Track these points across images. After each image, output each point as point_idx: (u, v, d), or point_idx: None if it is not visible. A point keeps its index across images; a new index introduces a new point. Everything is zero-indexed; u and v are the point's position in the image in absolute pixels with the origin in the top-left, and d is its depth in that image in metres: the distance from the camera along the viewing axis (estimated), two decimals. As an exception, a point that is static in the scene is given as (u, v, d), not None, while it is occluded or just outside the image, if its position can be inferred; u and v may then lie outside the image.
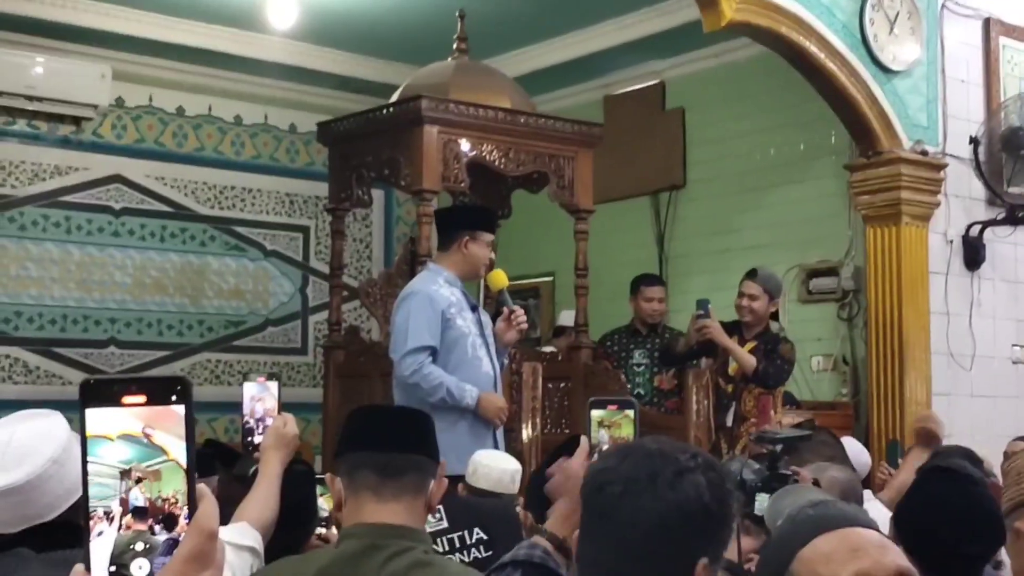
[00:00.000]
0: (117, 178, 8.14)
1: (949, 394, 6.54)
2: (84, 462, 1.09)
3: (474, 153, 5.95)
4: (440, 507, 3.20)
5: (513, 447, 5.62)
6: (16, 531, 2.00)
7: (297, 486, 2.74)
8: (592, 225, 6.38)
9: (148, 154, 8.28)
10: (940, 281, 6.61)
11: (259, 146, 8.78)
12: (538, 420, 5.91)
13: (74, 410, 2.18)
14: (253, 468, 2.76)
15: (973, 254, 6.75)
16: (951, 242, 6.70)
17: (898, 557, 1.61)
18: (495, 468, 3.84)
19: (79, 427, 1.10)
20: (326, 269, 7.56)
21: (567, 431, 5.89)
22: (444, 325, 4.80)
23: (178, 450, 1.10)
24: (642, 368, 6.49)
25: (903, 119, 6.53)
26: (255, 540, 2.28)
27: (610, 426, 2.18)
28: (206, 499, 1.11)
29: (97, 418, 1.09)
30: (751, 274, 5.99)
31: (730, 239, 7.84)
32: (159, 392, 1.10)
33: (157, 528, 1.10)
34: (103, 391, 1.10)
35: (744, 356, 5.76)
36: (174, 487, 1.10)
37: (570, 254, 6.35)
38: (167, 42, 7.86)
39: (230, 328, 8.57)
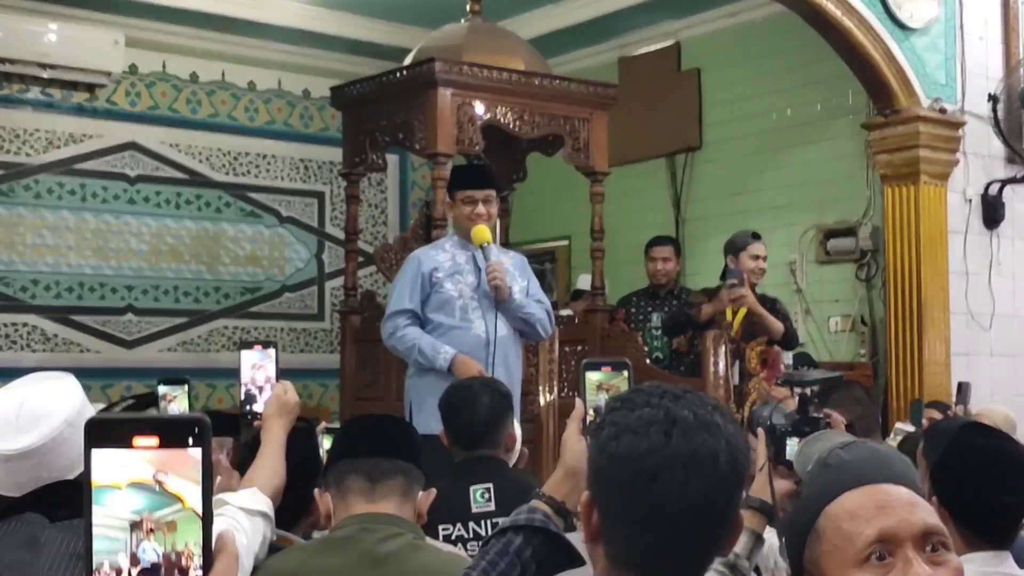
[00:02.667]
0: (132, 145, 8.14)
1: (968, 354, 6.51)
2: (88, 512, 1.00)
3: (488, 116, 5.91)
4: (489, 487, 3.21)
5: (530, 410, 5.63)
6: (21, 495, 2.00)
7: (300, 443, 2.75)
8: (608, 188, 6.35)
9: (162, 121, 8.27)
10: (959, 240, 6.58)
11: (273, 112, 8.75)
12: (555, 384, 5.92)
13: (90, 377, 2.20)
14: (253, 435, 2.77)
15: (992, 212, 6.71)
16: (970, 201, 6.66)
17: (927, 515, 1.60)
18: None
19: (84, 471, 1.01)
20: (341, 235, 7.55)
21: (580, 389, 5.87)
22: (431, 288, 4.81)
23: (194, 498, 1.01)
24: (660, 331, 6.47)
25: (921, 77, 6.48)
26: (267, 505, 2.28)
27: (608, 389, 2.14)
28: (224, 553, 1.04)
29: (104, 461, 1.00)
30: (756, 236, 5.99)
31: (747, 200, 7.81)
32: (174, 433, 1.01)
33: None
34: (112, 431, 1.00)
35: (775, 322, 5.77)
36: (190, 538, 1.01)
37: (586, 217, 6.32)
38: (180, 8, 7.82)
39: (246, 295, 8.58)
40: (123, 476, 1.00)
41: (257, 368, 2.84)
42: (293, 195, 8.80)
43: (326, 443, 3.13)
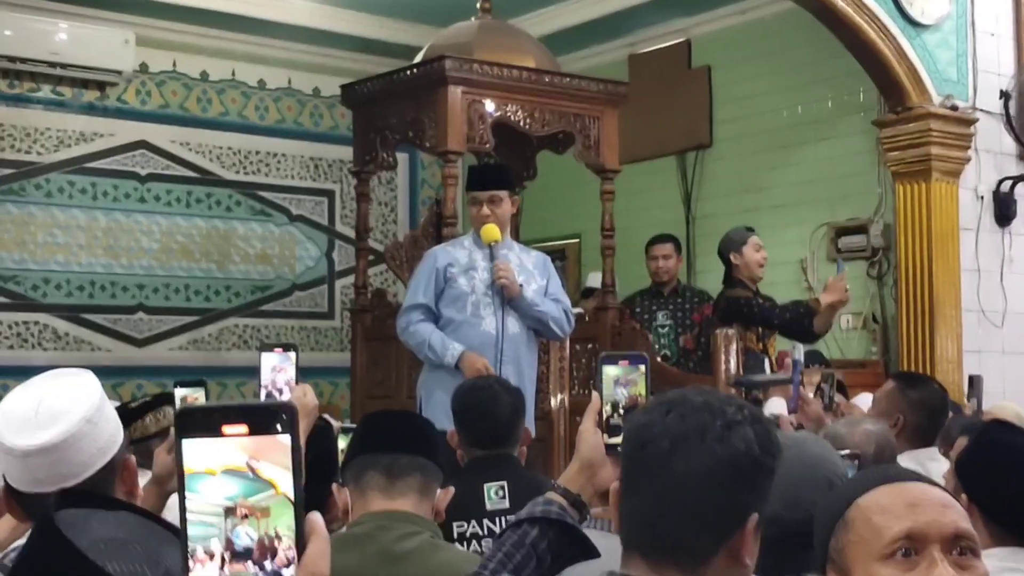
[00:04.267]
0: (142, 144, 8.14)
1: (980, 351, 6.50)
2: (182, 498, 1.02)
3: (499, 113, 5.91)
4: (503, 484, 3.21)
5: (541, 408, 5.62)
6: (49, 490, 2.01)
7: (317, 440, 2.76)
8: (618, 185, 6.34)
9: (172, 119, 8.28)
10: (971, 237, 6.56)
11: (283, 110, 8.76)
12: (565, 381, 5.91)
13: (101, 376, 2.19)
14: None
15: (1004, 210, 6.69)
16: (982, 198, 6.64)
17: (960, 519, 1.59)
18: None
19: (175, 459, 1.03)
20: (352, 233, 7.56)
21: (596, 382, 5.87)
22: (446, 283, 4.90)
23: (286, 483, 1.03)
24: (666, 329, 6.47)
25: (932, 74, 6.46)
26: None
27: (626, 384, 2.14)
28: (316, 537, 1.05)
29: (196, 450, 1.02)
30: (751, 229, 5.98)
31: (758, 198, 7.79)
32: (262, 421, 1.02)
33: (260, 567, 1.03)
34: (201, 420, 1.02)
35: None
36: (282, 523, 1.03)
37: (596, 215, 6.31)
38: (190, 7, 7.83)
39: (257, 293, 8.58)
40: (217, 463, 1.02)
41: (277, 371, 2.85)
42: (303, 193, 8.81)
43: (341, 443, 3.14)
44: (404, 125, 6.17)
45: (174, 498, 2.58)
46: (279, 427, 1.03)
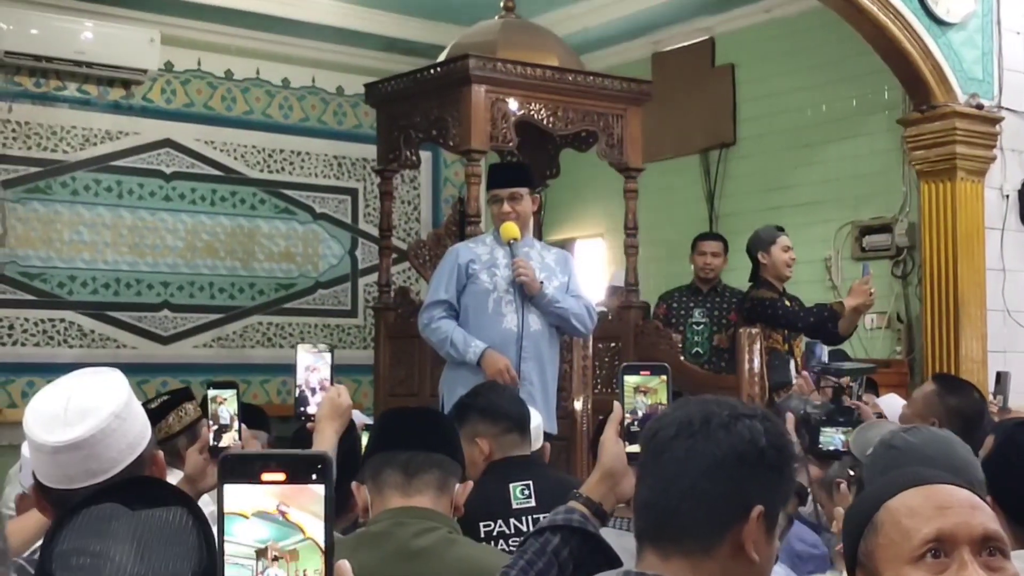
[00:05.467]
0: (167, 142, 8.18)
1: (1005, 351, 6.47)
2: (220, 541, 1.07)
3: (522, 112, 5.91)
4: (528, 483, 3.22)
5: (563, 407, 5.62)
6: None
7: (341, 438, 2.78)
8: (641, 184, 6.33)
9: (197, 118, 8.31)
10: (996, 237, 6.53)
11: (307, 109, 8.78)
12: (588, 380, 5.91)
13: (127, 373, 2.21)
14: (296, 431, 2.79)
15: (1030, 209, 6.65)
16: (1007, 197, 6.61)
17: (988, 520, 1.59)
18: None
19: (217, 503, 1.07)
20: (375, 231, 7.57)
21: (618, 391, 5.87)
22: (467, 279, 4.93)
23: (315, 529, 1.07)
24: (701, 327, 6.44)
25: (958, 72, 6.43)
26: None
27: (646, 392, 2.14)
28: None
29: (234, 495, 1.06)
30: (780, 229, 6.00)
31: (782, 196, 7.77)
32: (299, 469, 1.07)
33: None
34: (243, 467, 1.07)
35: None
36: (310, 566, 1.06)
37: (620, 213, 6.31)
38: (215, 6, 7.86)
39: (280, 291, 8.61)
40: (250, 506, 1.06)
41: (311, 370, 2.87)
42: (327, 192, 8.83)
43: (363, 441, 3.16)
44: (427, 124, 6.18)
45: (205, 498, 2.60)
46: (315, 476, 1.07)
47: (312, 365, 2.87)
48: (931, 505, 1.59)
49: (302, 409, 2.85)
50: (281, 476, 1.06)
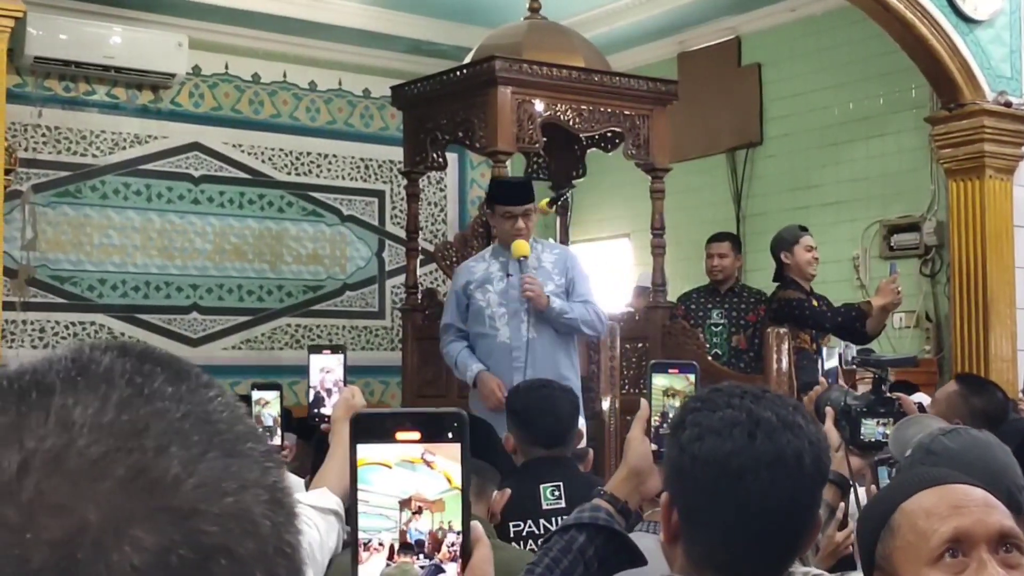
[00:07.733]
0: (195, 146, 8.23)
1: (1035, 349, 6.43)
2: (354, 500, 1.04)
3: (548, 113, 5.92)
4: (559, 484, 3.23)
5: (591, 407, 5.63)
6: None
7: None
8: (668, 184, 6.33)
9: (225, 121, 8.36)
10: (1025, 235, 6.49)
11: (334, 112, 8.82)
12: (616, 381, 5.91)
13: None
14: (320, 437, 2.80)
15: (1059, 207, 6.61)
16: (1036, 194, 6.57)
17: (1004, 518, 1.59)
18: None
19: (349, 460, 1.05)
20: (402, 233, 7.59)
21: (645, 391, 5.87)
22: (468, 300, 5.11)
23: (459, 480, 1.04)
24: (719, 328, 6.43)
25: (986, 70, 6.39)
26: (337, 504, 2.30)
27: (675, 395, 2.13)
28: (481, 544, 1.06)
29: (367, 455, 1.04)
30: (804, 228, 6.00)
31: (809, 196, 7.75)
32: (434, 428, 1.03)
33: (428, 558, 1.04)
34: (375, 426, 1.04)
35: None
36: (454, 518, 1.04)
37: (646, 214, 6.31)
38: (242, 10, 7.90)
39: (308, 293, 8.65)
40: (393, 456, 1.03)
41: (326, 372, 2.87)
42: (354, 194, 8.86)
43: None
44: (454, 125, 6.20)
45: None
46: (450, 435, 1.03)
47: (326, 366, 2.88)
48: (946, 505, 1.59)
49: (316, 411, 2.86)
50: (416, 435, 1.03)
